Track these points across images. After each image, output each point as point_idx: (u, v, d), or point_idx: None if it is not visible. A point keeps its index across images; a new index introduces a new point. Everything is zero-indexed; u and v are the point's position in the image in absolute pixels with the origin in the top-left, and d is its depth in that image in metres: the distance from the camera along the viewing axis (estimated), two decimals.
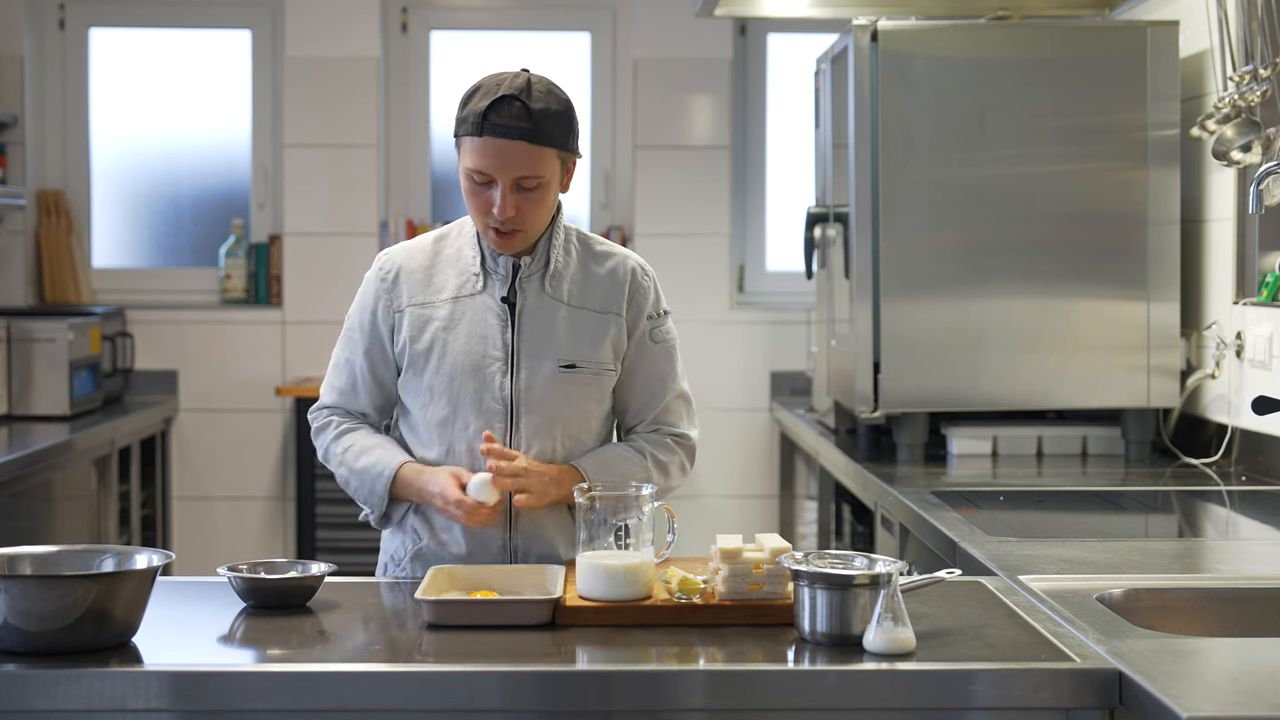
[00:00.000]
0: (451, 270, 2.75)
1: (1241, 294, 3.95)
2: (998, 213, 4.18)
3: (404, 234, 6.04)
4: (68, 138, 6.08)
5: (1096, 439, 4.22)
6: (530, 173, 2.61)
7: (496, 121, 2.59)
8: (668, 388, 2.81)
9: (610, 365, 2.75)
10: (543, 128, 2.60)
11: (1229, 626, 2.49)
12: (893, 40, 4.17)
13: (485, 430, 2.69)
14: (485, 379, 2.69)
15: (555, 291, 2.73)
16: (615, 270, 2.77)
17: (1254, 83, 3.74)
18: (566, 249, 2.76)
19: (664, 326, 2.81)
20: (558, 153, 2.64)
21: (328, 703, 2.04)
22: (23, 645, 2.07)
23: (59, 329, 5.16)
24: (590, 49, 6.17)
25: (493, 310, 2.71)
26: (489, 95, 2.62)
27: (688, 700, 2.05)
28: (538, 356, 2.70)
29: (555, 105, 2.63)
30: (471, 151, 2.63)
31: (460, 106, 2.68)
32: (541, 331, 2.71)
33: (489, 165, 2.61)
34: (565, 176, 2.70)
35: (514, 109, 2.59)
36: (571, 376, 2.71)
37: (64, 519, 4.93)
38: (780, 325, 6.05)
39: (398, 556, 2.81)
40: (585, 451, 2.76)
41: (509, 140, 2.59)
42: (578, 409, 2.73)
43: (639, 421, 2.82)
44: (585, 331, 2.73)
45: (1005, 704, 2.03)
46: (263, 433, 6.00)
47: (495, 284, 2.72)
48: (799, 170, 5.91)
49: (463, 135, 2.65)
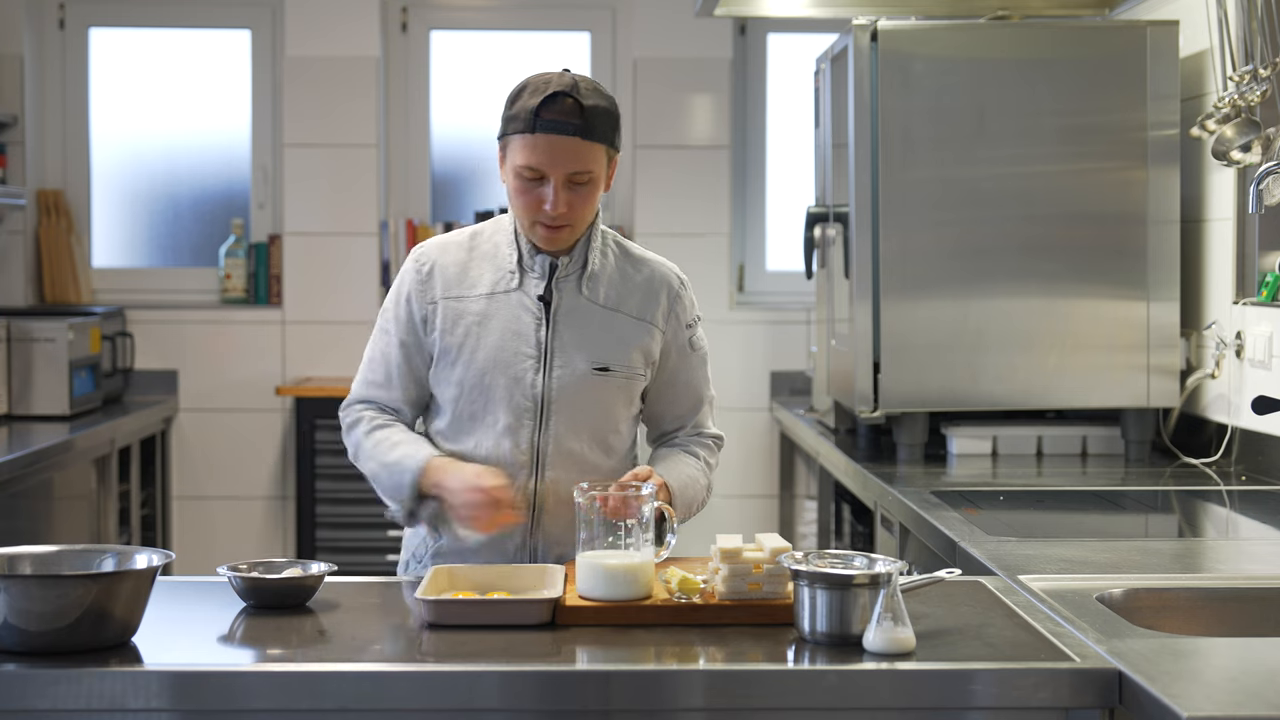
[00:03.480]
0: (487, 266, 2.75)
1: (1241, 294, 3.95)
2: (998, 213, 4.18)
3: (404, 234, 6.04)
4: (68, 138, 6.08)
5: (1096, 439, 4.22)
6: (582, 168, 2.62)
7: (549, 118, 2.60)
8: (705, 394, 2.87)
9: (641, 371, 2.76)
10: (593, 124, 2.61)
11: (1229, 626, 2.49)
12: (893, 40, 4.17)
13: (513, 426, 2.68)
14: (517, 375, 2.69)
15: (591, 293, 2.73)
16: (653, 278, 2.79)
17: (1254, 82, 3.74)
18: (604, 252, 2.77)
19: (699, 333, 2.85)
20: (605, 149, 2.66)
21: (328, 703, 2.04)
22: (22, 645, 2.07)
23: (59, 329, 5.16)
24: (590, 49, 6.17)
25: (527, 308, 2.71)
26: (539, 93, 2.61)
27: (687, 700, 2.05)
28: (571, 356, 2.70)
29: (603, 102, 2.65)
30: (523, 149, 2.63)
31: (507, 106, 2.67)
32: (576, 332, 2.71)
33: (542, 162, 2.61)
34: (609, 174, 2.71)
35: (566, 105, 2.60)
36: (604, 379, 2.72)
37: (64, 519, 4.93)
38: (780, 325, 6.05)
39: (419, 554, 2.81)
40: (612, 454, 2.77)
41: (562, 136, 2.60)
42: (606, 411, 2.74)
43: (679, 427, 2.86)
44: (619, 335, 2.73)
45: (1005, 704, 2.03)
46: (263, 433, 6.00)
47: (531, 282, 2.72)
48: (799, 170, 5.91)
49: (512, 133, 2.65)
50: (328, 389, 5.67)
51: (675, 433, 2.87)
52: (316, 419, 5.65)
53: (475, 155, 6.23)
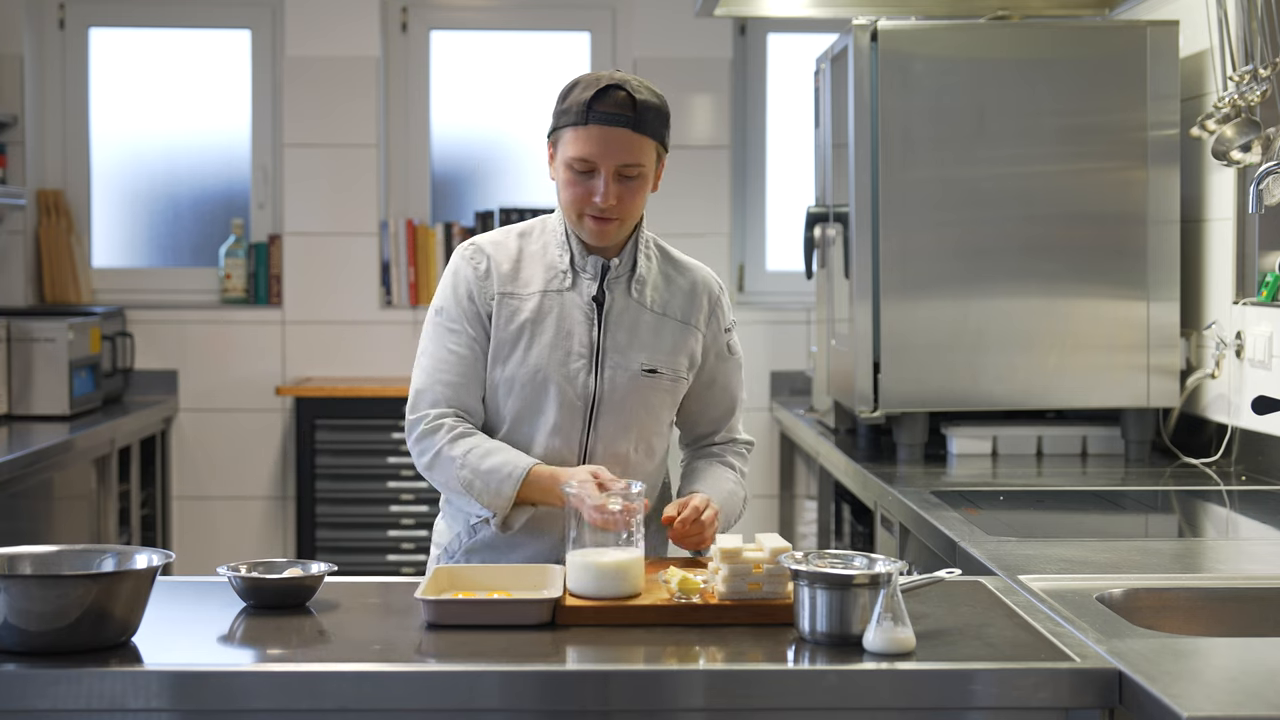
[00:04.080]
0: (539, 265, 2.75)
1: (1241, 294, 3.95)
2: (998, 213, 4.18)
3: (404, 234, 6.03)
4: (68, 138, 6.08)
5: (1096, 439, 4.22)
6: (632, 160, 2.64)
7: (601, 110, 2.62)
8: (739, 399, 2.91)
9: (684, 374, 2.79)
10: (644, 117, 2.63)
11: (1229, 626, 2.49)
12: (893, 40, 4.17)
13: (563, 424, 2.68)
14: (569, 374, 2.70)
15: (640, 296, 2.75)
16: (695, 283, 2.82)
17: (1254, 82, 3.74)
18: (648, 255, 2.79)
19: (735, 338, 2.88)
20: (655, 145, 2.67)
21: (328, 703, 2.04)
22: (23, 645, 2.07)
23: (59, 329, 5.16)
24: (590, 49, 6.17)
25: (580, 308, 2.72)
26: (592, 86, 2.64)
27: (687, 700, 2.05)
28: (622, 357, 2.72)
29: (655, 99, 2.67)
30: (575, 140, 2.64)
31: (560, 100, 2.68)
32: (626, 334, 2.73)
33: (593, 153, 2.63)
34: (657, 173, 2.71)
35: (618, 97, 2.62)
36: (652, 381, 2.73)
37: (64, 519, 4.93)
38: (780, 325, 6.05)
39: (451, 549, 2.81)
40: (654, 456, 2.78)
41: (614, 128, 2.62)
42: (653, 413, 2.76)
43: (714, 431, 2.89)
44: (667, 338, 2.76)
45: (1005, 704, 2.03)
46: (263, 433, 6.00)
47: (585, 282, 2.73)
48: (799, 170, 5.91)
49: (564, 126, 2.66)
50: (328, 389, 5.67)
51: (710, 436, 2.90)
52: (316, 419, 5.65)
53: (475, 155, 6.23)
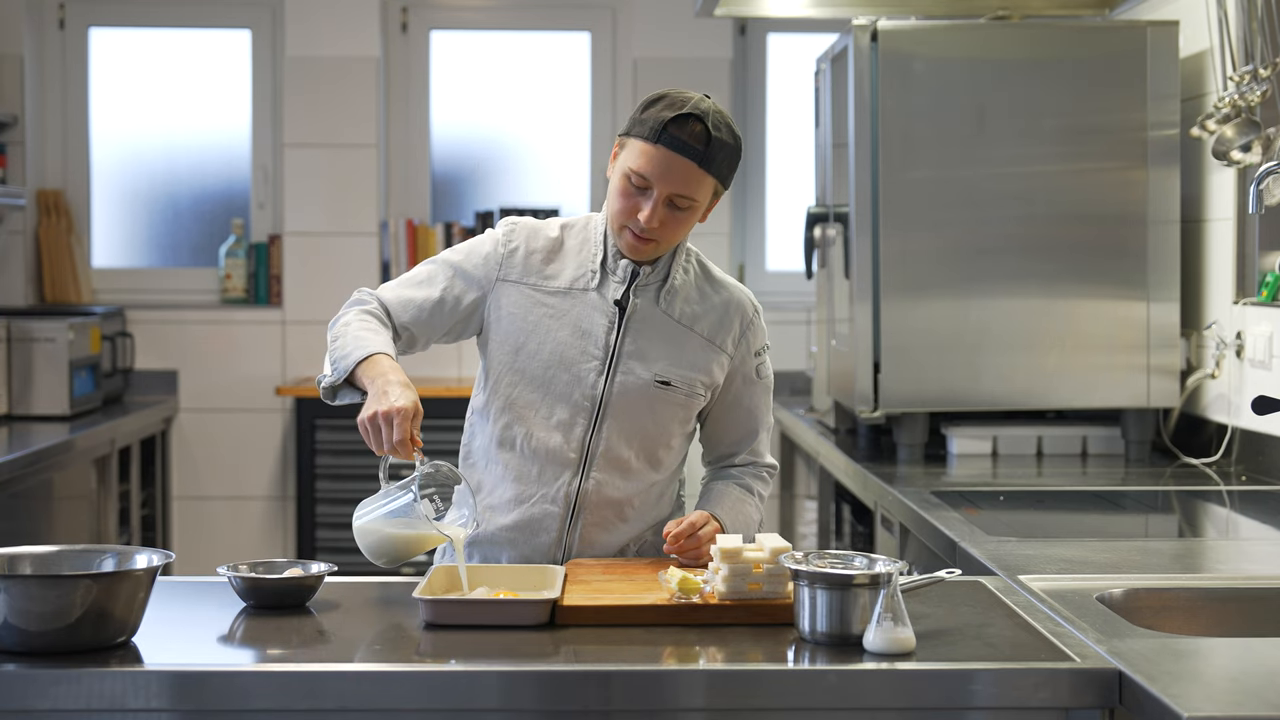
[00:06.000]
0: (571, 261, 2.75)
1: (1241, 294, 3.95)
2: (998, 213, 4.18)
3: (404, 234, 6.03)
4: (68, 138, 6.08)
5: (1096, 439, 4.22)
6: (687, 193, 2.62)
7: (675, 134, 2.60)
8: (763, 422, 2.89)
9: (702, 392, 2.76)
10: (714, 155, 2.61)
11: (1229, 626, 2.49)
12: (893, 40, 4.17)
13: (566, 421, 2.69)
14: (579, 374, 2.69)
15: (668, 306, 2.73)
16: (730, 302, 2.79)
17: (1254, 83, 3.74)
18: (685, 269, 2.77)
19: (766, 362, 2.87)
20: (715, 183, 2.65)
21: (328, 703, 2.04)
22: (23, 645, 2.07)
23: (59, 329, 5.16)
24: (590, 49, 6.17)
25: (601, 309, 2.71)
26: (674, 108, 2.62)
27: (688, 700, 2.05)
28: (637, 364, 2.71)
29: (730, 139, 2.65)
30: (640, 155, 2.62)
31: (641, 109, 2.67)
32: (645, 341, 2.71)
33: (652, 173, 2.61)
34: (710, 206, 2.70)
35: (695, 129, 2.60)
36: (664, 393, 2.72)
37: (64, 519, 4.93)
38: (780, 325, 6.04)
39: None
40: (659, 468, 2.77)
41: (680, 156, 2.60)
42: (661, 425, 2.74)
43: (734, 453, 2.87)
44: (688, 353, 2.74)
45: (1005, 704, 2.03)
46: (263, 433, 6.00)
47: (611, 284, 2.72)
48: (799, 170, 5.91)
49: (635, 135, 2.64)
50: None
51: (730, 457, 2.88)
52: (316, 419, 5.65)
53: (475, 155, 6.23)
